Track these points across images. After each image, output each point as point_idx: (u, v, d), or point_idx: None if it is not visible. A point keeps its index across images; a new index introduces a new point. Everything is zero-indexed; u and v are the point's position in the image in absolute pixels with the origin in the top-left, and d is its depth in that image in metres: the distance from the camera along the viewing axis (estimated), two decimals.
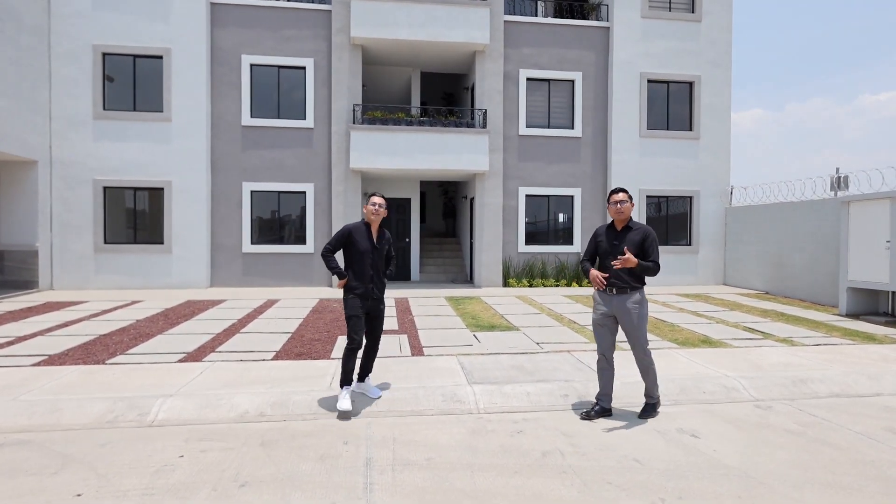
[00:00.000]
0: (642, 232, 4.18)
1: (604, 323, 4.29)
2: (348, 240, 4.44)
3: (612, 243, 4.21)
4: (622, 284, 4.14)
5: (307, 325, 7.83)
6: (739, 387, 5.03)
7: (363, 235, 4.45)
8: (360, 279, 4.42)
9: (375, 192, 4.59)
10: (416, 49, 12.47)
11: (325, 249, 4.49)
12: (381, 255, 4.55)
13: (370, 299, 4.46)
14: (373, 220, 4.48)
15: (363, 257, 4.42)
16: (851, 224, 8.77)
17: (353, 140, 11.69)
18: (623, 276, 4.12)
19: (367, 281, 4.43)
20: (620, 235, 4.21)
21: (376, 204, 4.48)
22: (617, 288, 4.16)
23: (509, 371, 5.38)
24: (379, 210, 4.48)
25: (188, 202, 11.62)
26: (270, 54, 12.02)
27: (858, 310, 8.81)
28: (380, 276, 4.55)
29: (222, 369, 5.39)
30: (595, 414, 4.30)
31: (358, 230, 4.46)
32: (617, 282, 4.15)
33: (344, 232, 4.47)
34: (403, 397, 4.63)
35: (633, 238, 4.15)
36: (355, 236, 4.43)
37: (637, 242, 4.12)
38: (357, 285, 4.41)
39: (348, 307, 4.41)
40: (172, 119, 11.56)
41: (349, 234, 4.44)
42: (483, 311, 9.03)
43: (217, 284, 11.96)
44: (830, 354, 6.16)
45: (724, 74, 13.26)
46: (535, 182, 12.92)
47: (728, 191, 13.28)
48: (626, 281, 4.13)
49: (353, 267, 4.44)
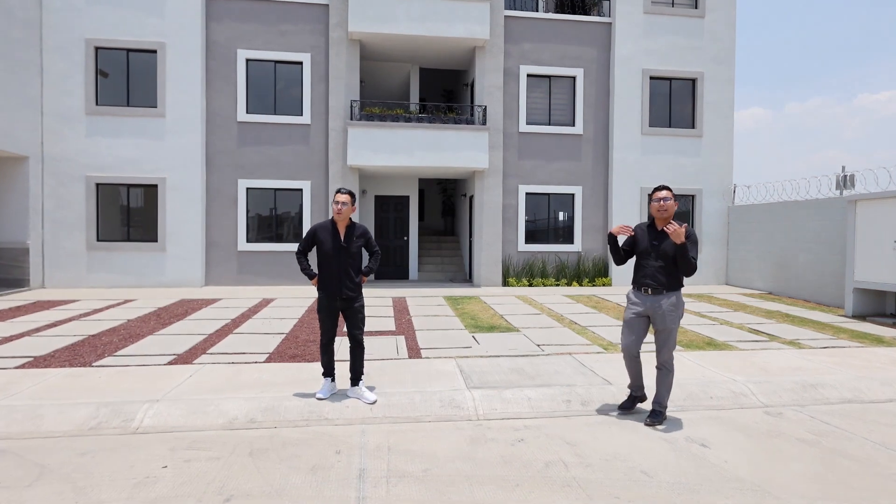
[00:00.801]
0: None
1: (635, 322, 4.19)
2: (314, 240, 4.46)
3: (651, 243, 4.12)
4: (657, 284, 4.05)
5: (302, 325, 7.65)
6: (748, 392, 4.86)
7: (328, 234, 4.42)
8: (327, 278, 4.44)
9: (341, 189, 4.45)
10: (415, 44, 12.27)
11: (297, 251, 4.57)
12: (349, 252, 4.44)
13: (339, 299, 4.45)
14: (338, 220, 4.43)
15: (328, 256, 4.42)
16: (858, 223, 8.59)
17: (351, 136, 11.49)
18: (659, 276, 4.05)
19: (335, 280, 4.41)
20: (661, 235, 4.10)
21: (339, 203, 4.36)
22: (652, 289, 4.07)
23: (509, 375, 5.20)
24: (342, 209, 4.37)
25: (182, 199, 11.42)
26: (267, 49, 11.81)
27: (865, 311, 8.64)
28: (348, 274, 4.43)
29: (213, 372, 5.21)
30: (630, 404, 4.38)
31: (323, 229, 4.44)
32: (653, 282, 4.06)
33: (309, 232, 4.50)
34: (399, 402, 4.46)
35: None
36: (320, 236, 4.43)
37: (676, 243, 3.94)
38: (325, 285, 4.45)
39: (319, 306, 4.54)
40: (167, 115, 11.36)
41: (314, 234, 4.46)
42: (482, 312, 8.86)
43: (212, 283, 11.77)
44: (839, 357, 5.99)
45: (727, 71, 13.06)
46: (535, 180, 12.73)
47: (731, 189, 13.10)
48: (661, 282, 4.04)
49: (321, 266, 4.46)
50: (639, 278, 4.18)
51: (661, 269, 4.04)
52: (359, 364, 4.56)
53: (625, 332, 4.25)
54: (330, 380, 4.61)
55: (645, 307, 4.12)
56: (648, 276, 4.09)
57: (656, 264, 4.06)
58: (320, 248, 4.42)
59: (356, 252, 4.50)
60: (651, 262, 4.08)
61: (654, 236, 4.14)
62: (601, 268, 12.82)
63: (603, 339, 6.84)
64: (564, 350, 6.26)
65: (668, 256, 4.02)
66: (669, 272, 4.03)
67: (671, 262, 4.01)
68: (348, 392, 4.61)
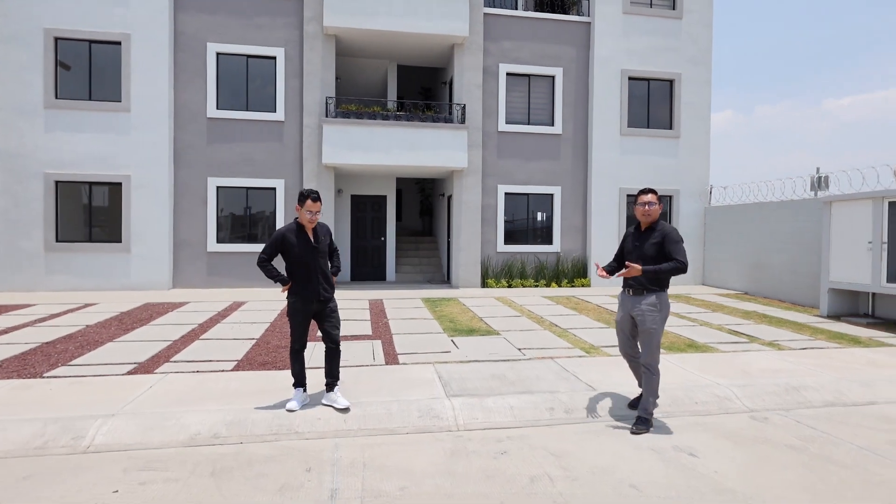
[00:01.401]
0: (662, 233, 4.09)
1: (623, 324, 4.29)
2: (283, 244, 4.23)
3: (634, 244, 4.21)
4: (637, 285, 4.11)
5: (275, 329, 7.34)
6: (732, 396, 4.77)
7: (298, 236, 4.24)
8: (305, 282, 4.24)
9: (309, 195, 4.19)
10: (393, 40, 12.01)
11: (259, 258, 4.25)
12: (322, 252, 4.32)
13: (316, 301, 4.27)
14: (308, 226, 4.27)
15: (302, 260, 4.22)
16: (833, 224, 8.67)
17: (326, 134, 11.18)
18: (640, 277, 4.07)
19: (314, 283, 4.24)
20: (643, 237, 4.18)
21: (312, 212, 4.20)
22: (633, 289, 4.14)
23: (490, 381, 5.01)
24: (314, 218, 4.25)
25: (148, 198, 10.93)
26: (238, 42, 11.40)
27: (840, 311, 8.73)
28: (325, 276, 4.32)
29: (175, 382, 4.89)
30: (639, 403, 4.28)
31: (291, 232, 4.25)
32: (633, 283, 4.13)
33: (277, 237, 4.25)
34: (375, 413, 4.22)
35: (655, 239, 4.09)
36: (290, 239, 4.22)
37: (656, 245, 4.06)
38: (301, 289, 4.24)
39: (291, 311, 4.29)
40: (132, 109, 10.86)
41: (283, 239, 4.23)
42: (461, 314, 8.66)
43: (180, 286, 11.31)
44: (819, 359, 5.97)
45: (704, 73, 13.15)
46: (514, 180, 12.60)
47: (707, 190, 13.19)
48: (642, 282, 4.08)
49: (294, 271, 4.25)
50: (625, 280, 4.25)
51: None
52: (335, 368, 4.38)
53: (619, 336, 4.38)
54: (302, 390, 4.37)
55: (628, 307, 4.21)
56: (633, 277, 4.13)
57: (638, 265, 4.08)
58: (290, 251, 4.21)
59: (325, 251, 4.39)
60: (633, 263, 4.10)
61: (637, 238, 4.22)
62: (580, 268, 12.76)
63: (584, 342, 6.71)
64: (546, 354, 6.10)
65: (648, 258, 4.07)
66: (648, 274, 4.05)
67: (652, 263, 4.05)
68: (323, 399, 4.40)
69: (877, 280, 7.90)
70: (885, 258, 7.82)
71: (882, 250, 7.84)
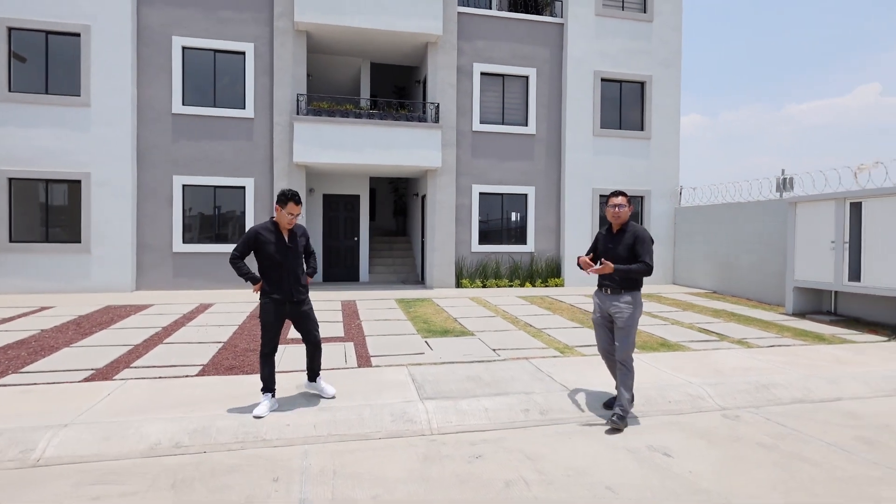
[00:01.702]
0: (633, 234, 4.22)
1: (602, 323, 4.38)
2: (256, 243, 4.11)
3: (606, 245, 4.32)
4: (614, 285, 4.22)
5: (243, 332, 7.11)
6: (704, 395, 4.80)
7: (273, 235, 4.14)
8: (277, 283, 4.15)
9: (291, 196, 4.10)
10: (366, 38, 11.84)
11: (232, 256, 4.12)
12: (296, 253, 4.24)
13: (290, 303, 4.21)
14: (286, 226, 4.19)
15: (275, 259, 4.12)
16: (798, 225, 8.89)
17: (297, 132, 10.94)
18: (615, 277, 4.19)
19: (286, 284, 4.16)
20: (616, 238, 4.29)
21: (293, 214, 4.14)
22: (611, 288, 4.25)
23: (465, 383, 4.93)
24: (293, 220, 4.19)
25: (110, 196, 10.51)
26: (205, 37, 11.05)
27: (804, 309, 8.96)
28: (297, 278, 4.24)
29: (135, 389, 4.66)
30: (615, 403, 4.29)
31: (265, 230, 4.14)
32: (610, 283, 4.24)
33: (250, 235, 4.12)
34: (346, 418, 4.09)
35: (627, 241, 4.21)
36: (264, 237, 4.11)
37: (629, 246, 4.18)
38: (273, 290, 4.15)
39: (263, 313, 4.17)
40: (91, 104, 10.41)
41: (256, 237, 4.11)
42: (435, 315, 8.57)
43: (144, 288, 10.90)
44: (786, 357, 6.09)
45: (674, 75, 13.37)
46: (488, 179, 12.58)
47: (677, 191, 13.42)
48: (617, 282, 4.20)
49: (266, 271, 4.16)
50: (600, 280, 4.36)
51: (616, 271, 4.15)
52: (317, 364, 4.44)
53: (596, 334, 4.47)
54: (270, 395, 4.22)
55: (605, 306, 4.30)
56: (606, 276, 4.26)
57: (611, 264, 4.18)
58: (264, 251, 4.10)
59: (301, 252, 4.31)
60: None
61: (610, 239, 4.33)
62: (554, 268, 12.82)
63: (559, 342, 6.70)
64: (521, 355, 6.06)
65: (621, 258, 4.18)
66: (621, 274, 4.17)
67: (624, 263, 4.16)
68: (305, 386, 4.53)
69: (839, 279, 8.13)
70: (846, 257, 8.05)
71: (844, 250, 8.07)
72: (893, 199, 7.42)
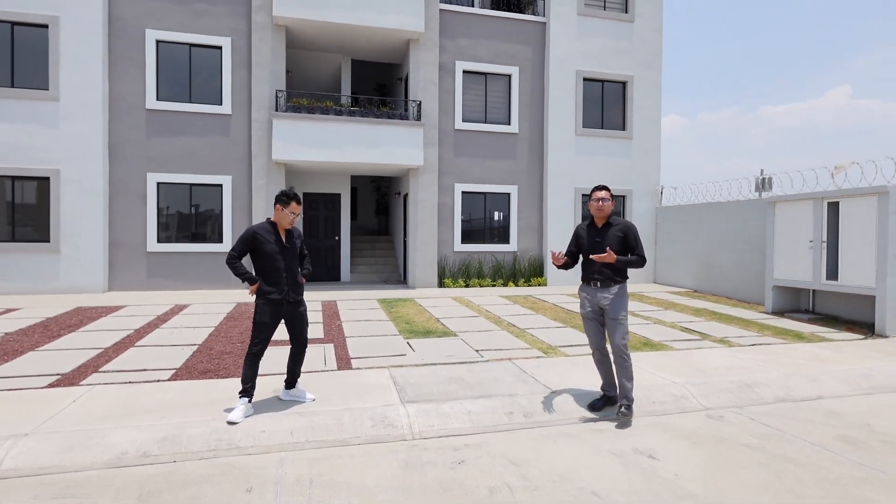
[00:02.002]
0: (623, 227, 4.29)
1: (593, 317, 4.37)
2: (254, 242, 4.09)
3: (594, 240, 4.33)
4: (605, 278, 4.26)
5: (219, 334, 6.90)
6: (688, 395, 4.77)
7: (270, 235, 4.13)
8: (274, 284, 4.11)
9: (294, 196, 4.15)
10: (347, 34, 11.65)
11: (229, 256, 4.10)
12: (293, 254, 4.24)
13: (286, 304, 4.16)
14: (285, 225, 4.18)
15: (274, 260, 4.10)
16: (777, 224, 8.98)
17: (276, 129, 10.71)
18: (605, 270, 4.25)
19: (283, 284, 4.12)
20: (602, 232, 4.33)
21: (294, 214, 4.15)
22: (601, 282, 4.28)
23: (447, 385, 4.83)
24: (294, 220, 4.21)
25: (80, 194, 10.15)
26: (180, 30, 10.75)
27: (783, 307, 9.06)
28: (294, 278, 4.22)
29: (103, 396, 4.45)
30: (601, 405, 4.38)
31: (263, 230, 4.13)
32: (600, 276, 4.26)
33: (248, 235, 4.10)
34: (325, 423, 3.95)
35: (615, 234, 4.26)
36: (261, 237, 4.09)
37: (619, 238, 4.24)
38: (270, 290, 4.10)
39: (258, 313, 4.10)
40: (61, 98, 10.05)
41: (254, 237, 4.08)
42: (418, 315, 8.45)
43: (116, 288, 10.57)
44: (767, 355, 6.11)
45: (655, 75, 13.45)
46: (471, 178, 12.49)
47: (659, 190, 13.50)
48: (608, 275, 4.25)
49: (264, 271, 4.13)
50: (588, 274, 4.37)
51: (607, 264, 4.22)
52: (298, 367, 4.37)
53: (588, 330, 4.43)
54: (247, 400, 4.06)
55: (596, 300, 4.32)
56: (596, 270, 4.29)
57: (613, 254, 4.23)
58: (262, 250, 4.07)
59: (296, 253, 4.29)
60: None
61: (597, 233, 4.36)
62: (537, 267, 12.79)
63: (542, 342, 6.64)
64: (504, 355, 5.98)
65: (613, 251, 4.19)
66: (614, 266, 4.23)
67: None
68: (282, 395, 4.38)
69: (817, 277, 8.23)
70: (824, 256, 8.15)
71: (822, 249, 8.17)
72: (869, 198, 7.52)
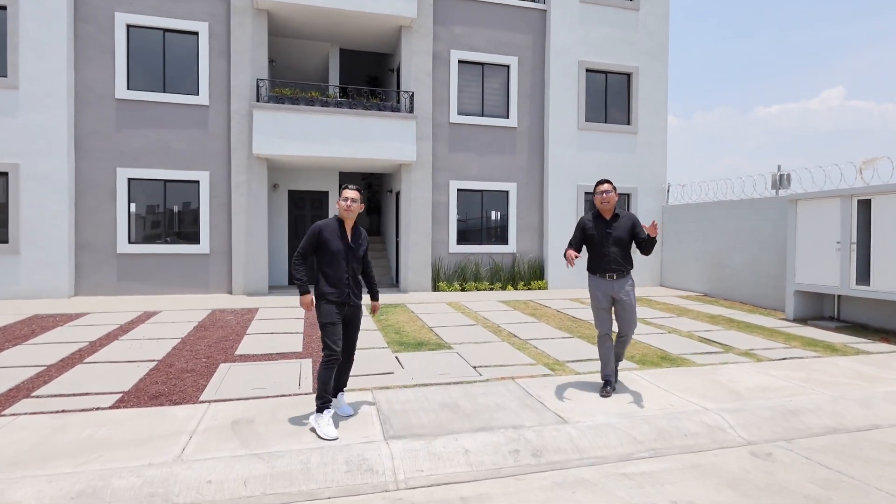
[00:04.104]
0: (631, 218, 4.53)
1: (606, 307, 4.54)
2: (319, 239, 3.87)
3: (605, 231, 4.48)
4: (622, 269, 4.46)
5: (184, 347, 6.12)
6: (725, 425, 4.04)
7: (335, 234, 3.90)
8: (336, 284, 3.86)
9: (348, 185, 3.99)
10: (333, 20, 10.87)
11: (296, 255, 3.88)
12: (357, 255, 3.98)
13: (347, 306, 3.91)
14: (346, 217, 3.93)
15: (337, 259, 3.88)
16: (799, 224, 8.28)
17: (257, 121, 9.92)
18: (620, 261, 4.45)
19: (344, 285, 3.87)
20: (611, 223, 4.50)
21: (348, 199, 3.91)
22: (617, 273, 4.46)
23: (440, 413, 4.08)
24: (351, 206, 3.91)
25: (42, 190, 9.33)
26: (153, 14, 9.94)
27: (806, 314, 8.36)
28: (357, 280, 3.99)
29: (23, 430, 3.68)
30: (611, 391, 4.55)
31: (329, 228, 3.91)
32: (617, 268, 4.45)
33: (314, 231, 3.89)
34: (288, 470, 3.20)
35: (625, 224, 4.48)
36: (326, 235, 3.88)
37: (629, 227, 4.48)
38: (332, 291, 3.84)
39: (322, 314, 3.85)
40: (20, 86, 9.22)
41: (319, 234, 3.88)
42: (409, 323, 7.69)
43: (84, 293, 9.75)
44: (803, 372, 5.40)
45: (661, 67, 12.74)
46: (467, 175, 11.74)
47: (665, 188, 12.80)
48: (622, 266, 4.46)
49: (326, 270, 3.88)
50: (602, 266, 4.49)
51: (620, 254, 4.46)
52: (346, 376, 4.14)
53: (599, 317, 4.58)
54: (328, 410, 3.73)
55: (612, 291, 4.48)
56: (612, 262, 4.45)
57: (615, 250, 4.44)
58: (326, 249, 3.86)
59: (360, 256, 4.03)
60: (609, 248, 4.44)
61: (606, 225, 4.51)
62: (537, 270, 12.06)
63: (548, 357, 5.90)
64: (506, 373, 5.23)
65: (622, 241, 4.46)
66: (625, 256, 4.49)
67: (626, 246, 4.49)
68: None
69: (846, 282, 7.53)
70: (853, 259, 7.45)
71: (851, 251, 7.47)
72: None
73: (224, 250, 10.41)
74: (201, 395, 4.47)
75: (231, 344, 6.32)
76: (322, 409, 3.70)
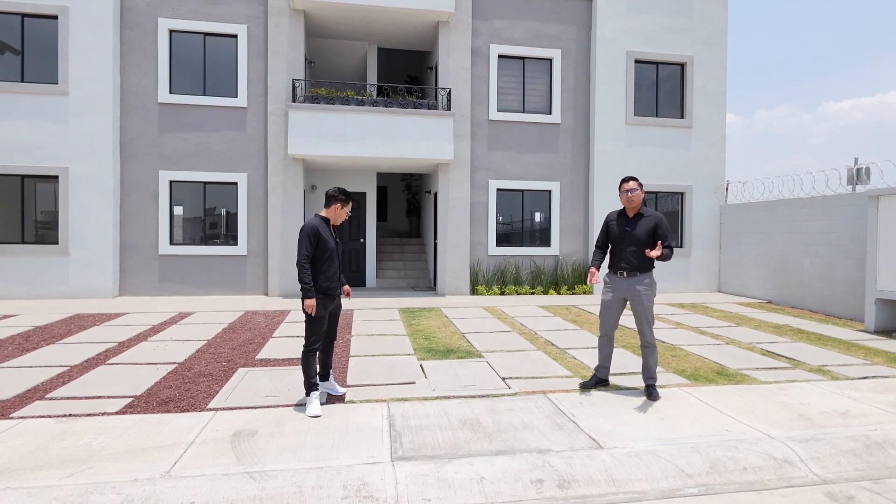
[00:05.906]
0: (654, 219, 4.35)
1: (613, 305, 4.46)
2: (318, 238, 4.06)
3: (623, 229, 4.41)
4: (631, 268, 4.35)
5: (208, 349, 6.00)
6: (794, 458, 3.41)
7: (328, 233, 4.15)
8: (331, 279, 4.15)
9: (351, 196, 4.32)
10: (370, 17, 10.69)
11: (302, 258, 3.98)
12: (339, 251, 4.28)
13: (335, 297, 4.21)
14: (337, 220, 4.23)
15: (332, 256, 4.13)
16: (882, 223, 7.31)
17: (293, 121, 9.85)
18: (633, 260, 4.33)
19: (336, 280, 4.19)
20: (633, 222, 4.39)
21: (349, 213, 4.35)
22: (628, 271, 4.36)
23: (458, 432, 3.66)
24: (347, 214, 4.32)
25: (90, 193, 9.60)
26: (194, 18, 10.08)
27: (889, 325, 7.36)
28: (341, 273, 4.32)
29: (23, 435, 3.55)
30: (593, 385, 4.59)
31: (322, 228, 4.11)
32: (626, 266, 4.35)
33: (313, 233, 4.04)
34: (280, 492, 2.87)
35: (646, 224, 4.33)
36: (323, 235, 4.08)
37: (650, 229, 4.31)
38: (328, 286, 4.10)
39: (317, 309, 4.05)
40: (70, 92, 9.53)
41: (318, 232, 4.05)
42: (440, 329, 7.31)
43: (127, 293, 9.97)
44: (890, 394, 4.61)
45: (719, 55, 11.81)
46: (507, 174, 11.26)
47: (723, 186, 11.83)
48: (635, 265, 4.33)
49: (322, 267, 4.09)
50: (615, 262, 4.46)
51: (635, 253, 4.33)
52: (330, 359, 4.41)
53: (604, 314, 4.52)
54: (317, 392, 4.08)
55: (622, 290, 4.41)
56: (624, 259, 4.37)
57: (630, 249, 4.34)
58: (325, 248, 4.08)
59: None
60: (625, 247, 4.37)
61: (627, 223, 4.43)
62: (581, 273, 11.40)
63: (587, 368, 5.35)
64: (537, 386, 4.74)
65: (639, 241, 4.33)
66: (641, 255, 4.32)
67: (643, 246, 4.31)
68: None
69: None
70: None
71: None
72: None
73: (261, 252, 10.40)
74: (210, 402, 4.25)
75: (255, 347, 6.15)
76: (310, 392, 4.03)
